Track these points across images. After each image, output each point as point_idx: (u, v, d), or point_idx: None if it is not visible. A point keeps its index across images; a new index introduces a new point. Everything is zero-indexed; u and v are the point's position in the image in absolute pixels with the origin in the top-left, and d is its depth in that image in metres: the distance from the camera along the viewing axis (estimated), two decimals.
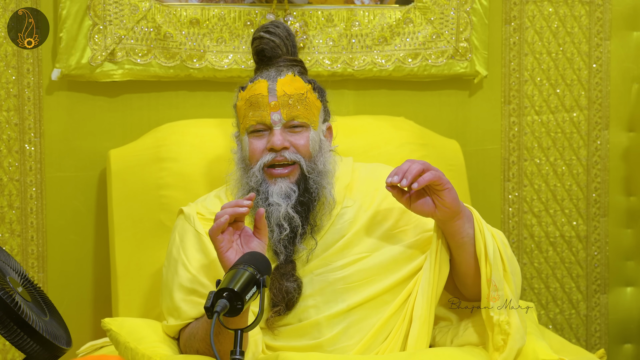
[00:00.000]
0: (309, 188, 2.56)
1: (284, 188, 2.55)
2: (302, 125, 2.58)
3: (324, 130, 2.65)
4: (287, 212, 2.53)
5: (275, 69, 2.64)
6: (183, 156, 2.96)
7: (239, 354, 2.08)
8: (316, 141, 2.60)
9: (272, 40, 2.67)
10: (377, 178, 2.67)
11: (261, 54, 2.69)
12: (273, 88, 2.58)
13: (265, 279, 2.18)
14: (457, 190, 3.14)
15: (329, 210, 2.58)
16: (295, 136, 2.58)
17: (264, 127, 2.58)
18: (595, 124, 3.46)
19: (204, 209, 2.63)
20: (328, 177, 2.60)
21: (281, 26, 2.71)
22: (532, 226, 3.45)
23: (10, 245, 3.06)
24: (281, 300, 2.51)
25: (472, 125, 3.38)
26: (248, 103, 2.60)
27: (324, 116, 2.67)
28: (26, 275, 2.34)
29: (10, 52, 3.02)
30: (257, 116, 2.57)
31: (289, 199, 2.54)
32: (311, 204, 2.56)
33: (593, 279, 3.50)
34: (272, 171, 2.56)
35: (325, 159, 2.61)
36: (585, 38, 3.43)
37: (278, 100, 2.57)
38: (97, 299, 3.13)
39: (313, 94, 2.63)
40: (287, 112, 2.56)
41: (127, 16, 3.04)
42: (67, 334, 2.31)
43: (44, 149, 3.07)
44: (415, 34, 3.24)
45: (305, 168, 2.56)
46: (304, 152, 2.57)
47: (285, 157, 2.56)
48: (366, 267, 2.55)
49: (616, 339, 3.56)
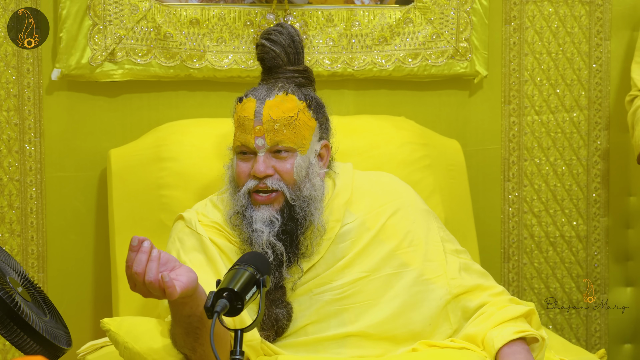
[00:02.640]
0: (294, 215, 2.51)
1: (267, 215, 2.50)
2: (288, 150, 2.53)
3: (317, 150, 2.60)
4: (268, 239, 2.48)
5: (268, 87, 2.59)
6: (183, 156, 2.96)
7: (239, 354, 2.08)
8: (302, 167, 2.54)
9: (272, 50, 2.64)
10: (383, 192, 2.64)
11: (262, 62, 2.68)
12: (259, 112, 2.53)
13: (266, 279, 2.18)
14: (458, 191, 3.18)
15: (319, 235, 2.53)
16: (280, 162, 2.53)
17: (248, 150, 2.55)
18: (595, 124, 3.46)
19: (204, 216, 2.61)
20: (316, 202, 2.54)
21: (285, 32, 2.66)
22: (532, 226, 3.45)
23: (10, 245, 3.06)
24: (270, 327, 2.48)
25: (472, 125, 3.38)
26: (238, 122, 2.58)
27: (319, 134, 2.61)
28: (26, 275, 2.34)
29: (10, 52, 3.02)
30: (243, 139, 2.54)
31: (272, 225, 2.50)
32: (297, 231, 2.51)
33: (593, 279, 3.50)
34: (256, 197, 2.53)
35: (312, 185, 2.55)
36: (585, 38, 3.43)
37: (263, 125, 2.52)
38: (97, 299, 3.13)
39: (307, 113, 2.57)
40: (271, 138, 2.52)
41: (127, 16, 3.04)
42: (67, 334, 2.31)
43: (44, 149, 3.07)
44: (415, 34, 3.24)
45: (289, 196, 2.51)
46: (287, 179, 2.52)
47: (267, 185, 2.51)
48: (365, 289, 2.52)
49: (616, 339, 3.56)
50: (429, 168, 3.06)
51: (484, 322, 2.49)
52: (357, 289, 2.52)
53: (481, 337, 2.47)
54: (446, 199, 3.07)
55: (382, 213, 2.60)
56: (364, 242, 2.56)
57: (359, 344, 2.50)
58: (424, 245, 2.58)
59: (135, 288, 2.18)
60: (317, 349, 2.49)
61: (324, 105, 2.65)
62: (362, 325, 2.50)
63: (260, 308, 2.13)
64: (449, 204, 3.08)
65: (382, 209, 2.60)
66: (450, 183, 3.13)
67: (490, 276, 2.64)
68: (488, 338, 2.45)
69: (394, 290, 2.53)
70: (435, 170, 3.08)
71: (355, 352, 2.48)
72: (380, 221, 2.58)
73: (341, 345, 2.49)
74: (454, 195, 3.12)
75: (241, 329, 2.10)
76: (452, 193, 3.12)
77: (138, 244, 2.16)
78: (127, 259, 2.16)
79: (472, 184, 3.29)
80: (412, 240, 2.58)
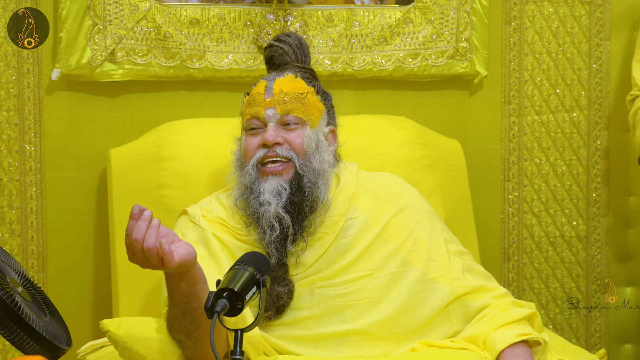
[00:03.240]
0: (302, 187, 2.52)
1: (275, 185, 2.51)
2: (298, 122, 2.56)
3: (325, 132, 2.63)
4: (277, 211, 2.49)
5: (278, 71, 2.65)
6: (183, 155, 2.96)
7: (239, 354, 2.08)
8: (312, 139, 2.56)
9: (280, 48, 2.69)
10: (388, 191, 2.65)
11: (270, 61, 2.71)
12: (270, 86, 2.58)
13: (266, 279, 2.18)
14: (458, 191, 3.17)
15: (322, 212, 2.54)
16: (290, 133, 2.56)
17: (258, 123, 2.57)
18: (595, 124, 3.46)
19: (208, 212, 2.61)
20: (324, 176, 2.56)
21: (293, 35, 2.72)
22: (532, 226, 3.45)
23: (10, 245, 3.06)
24: (272, 304, 2.48)
25: (472, 125, 3.38)
26: (247, 103, 2.61)
27: (327, 119, 2.65)
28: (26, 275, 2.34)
29: (10, 52, 3.02)
30: (252, 111, 2.57)
31: (279, 196, 2.50)
32: (303, 204, 2.52)
33: (593, 279, 3.50)
34: (264, 168, 2.54)
35: (321, 158, 2.57)
36: (585, 38, 3.43)
37: (274, 97, 2.56)
38: (97, 299, 3.13)
39: (315, 96, 2.61)
40: (282, 108, 2.55)
41: (127, 16, 3.04)
42: (67, 334, 2.31)
43: (44, 149, 3.07)
44: (415, 34, 3.24)
45: (299, 165, 2.53)
46: (298, 149, 2.54)
47: (277, 153, 2.53)
48: (368, 286, 2.53)
49: (616, 339, 3.56)
50: (429, 168, 3.06)
51: (486, 324, 2.49)
52: (360, 286, 2.52)
53: (483, 338, 2.47)
54: (446, 198, 3.07)
55: (386, 212, 2.60)
56: (368, 240, 2.56)
57: (359, 344, 2.50)
58: (427, 245, 2.59)
59: (133, 258, 2.17)
60: (317, 345, 2.49)
61: (331, 96, 2.69)
62: (364, 323, 2.50)
63: (260, 308, 2.13)
64: (449, 203, 3.08)
65: (385, 208, 2.61)
66: (450, 183, 3.13)
67: (493, 278, 2.64)
68: (490, 339, 2.45)
69: (397, 289, 2.54)
70: (436, 170, 3.08)
71: (354, 352, 2.48)
72: (384, 219, 2.59)
73: (341, 344, 2.49)
74: (454, 195, 3.12)
75: (241, 329, 2.10)
76: (452, 193, 3.12)
77: (139, 212, 2.16)
78: (127, 228, 2.16)
79: (472, 184, 3.29)
80: (416, 240, 2.59)
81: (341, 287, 2.52)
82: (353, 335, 2.49)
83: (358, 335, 2.49)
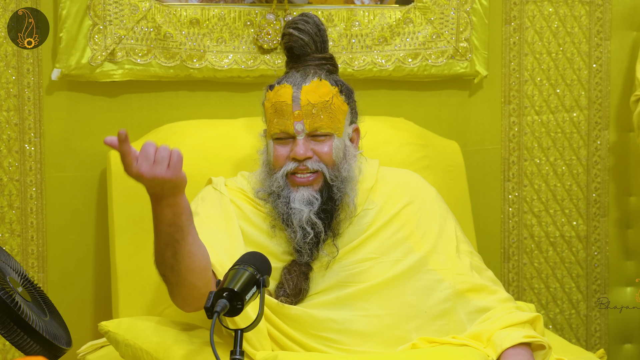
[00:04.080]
0: (332, 196, 2.58)
1: (307, 196, 2.57)
2: (326, 134, 2.60)
3: (349, 133, 2.67)
4: (309, 217, 2.54)
5: (301, 73, 2.65)
6: (184, 157, 2.95)
7: (239, 354, 2.08)
8: (340, 149, 2.61)
9: (301, 39, 2.69)
10: (405, 184, 2.70)
11: (290, 51, 2.72)
12: (297, 97, 2.58)
13: (265, 279, 2.18)
14: (457, 191, 3.17)
15: (349, 217, 2.60)
16: (319, 145, 2.59)
17: (287, 135, 2.60)
18: (595, 124, 3.46)
19: (231, 182, 2.68)
20: (352, 183, 2.61)
21: (311, 21, 2.72)
22: (532, 226, 3.45)
23: (10, 245, 3.06)
24: (294, 295, 2.53)
25: (472, 125, 3.38)
26: (273, 109, 2.62)
27: (350, 118, 2.68)
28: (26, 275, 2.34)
29: (10, 52, 3.02)
30: (281, 125, 2.59)
31: (311, 205, 2.56)
32: (334, 212, 2.58)
33: (593, 279, 3.50)
34: (294, 178, 2.58)
35: (349, 166, 2.62)
36: (585, 38, 3.43)
37: (302, 109, 2.58)
38: (97, 299, 3.13)
39: (339, 98, 2.63)
40: (310, 123, 2.57)
41: (127, 16, 3.04)
42: (67, 334, 2.31)
43: (44, 149, 3.07)
44: (415, 34, 3.24)
45: (329, 176, 2.57)
46: (327, 160, 2.59)
47: (307, 167, 2.57)
48: (372, 270, 2.57)
49: (616, 339, 3.56)
50: (428, 169, 3.07)
51: (493, 323, 2.53)
52: (364, 268, 2.57)
53: (487, 336, 2.49)
54: (445, 199, 3.07)
55: (399, 201, 2.66)
56: (377, 224, 2.62)
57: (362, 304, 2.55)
58: (435, 238, 2.63)
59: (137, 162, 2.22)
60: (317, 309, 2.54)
61: (353, 90, 2.72)
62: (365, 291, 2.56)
63: (260, 308, 2.13)
64: (448, 204, 3.07)
65: (399, 197, 2.67)
66: (449, 184, 3.14)
67: (500, 284, 2.69)
68: (496, 337, 2.48)
69: (399, 276, 2.58)
70: (435, 171, 3.09)
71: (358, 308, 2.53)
72: (396, 208, 2.64)
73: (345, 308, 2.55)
74: (453, 195, 3.13)
75: (241, 329, 2.10)
76: (451, 194, 3.12)
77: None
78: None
79: (472, 184, 3.29)
80: (425, 232, 2.63)
81: (348, 267, 2.58)
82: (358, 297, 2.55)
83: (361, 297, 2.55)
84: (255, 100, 3.16)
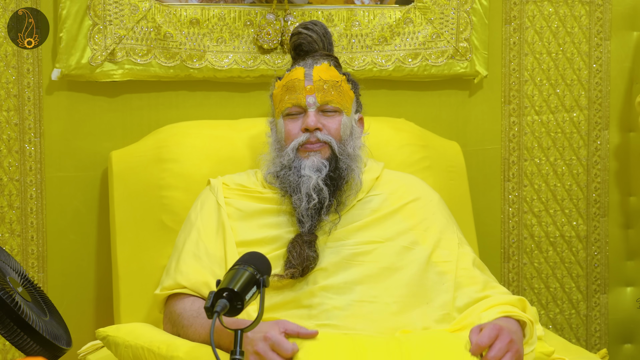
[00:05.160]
0: (338, 167, 2.66)
1: (316, 162, 2.65)
2: (335, 110, 2.69)
3: (355, 119, 2.76)
4: (317, 183, 2.62)
5: (312, 59, 2.76)
6: (184, 157, 2.96)
7: (239, 354, 2.09)
8: (347, 126, 2.70)
9: (309, 36, 2.81)
10: (410, 184, 2.78)
11: (299, 48, 2.82)
12: (309, 73, 2.70)
13: (265, 279, 2.18)
14: (458, 192, 3.17)
15: (355, 191, 2.68)
16: (328, 119, 2.69)
17: (299, 109, 2.69)
18: (595, 124, 3.46)
19: (230, 180, 2.75)
20: (357, 161, 2.70)
21: (319, 24, 2.85)
22: (532, 226, 3.45)
23: (10, 245, 3.06)
24: (299, 264, 2.56)
25: (472, 125, 3.38)
26: (285, 88, 2.71)
27: (356, 107, 2.77)
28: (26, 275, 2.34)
29: (10, 52, 3.02)
30: (294, 99, 2.68)
31: (319, 172, 2.64)
32: (339, 182, 2.65)
33: (593, 279, 3.50)
34: (304, 147, 2.67)
35: (355, 144, 2.72)
36: (585, 38, 3.43)
37: (314, 84, 2.68)
38: (97, 299, 3.13)
39: (347, 84, 2.74)
40: (321, 96, 2.67)
41: (127, 16, 3.04)
42: (67, 334, 2.31)
43: (44, 149, 3.07)
44: (415, 34, 3.24)
45: (337, 149, 2.66)
46: (335, 134, 2.68)
47: (318, 138, 2.66)
48: (378, 252, 2.61)
49: (616, 339, 3.56)
50: (428, 169, 3.07)
51: (476, 309, 2.56)
52: (369, 249, 2.61)
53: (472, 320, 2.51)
54: (446, 200, 3.07)
55: (404, 196, 2.73)
56: (382, 212, 2.68)
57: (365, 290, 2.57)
58: (438, 234, 2.68)
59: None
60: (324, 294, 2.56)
61: (359, 85, 2.82)
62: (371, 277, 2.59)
63: (260, 308, 2.13)
64: (448, 205, 3.07)
65: (405, 194, 2.73)
66: (450, 184, 3.14)
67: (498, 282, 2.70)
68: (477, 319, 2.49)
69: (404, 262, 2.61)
70: (435, 171, 3.09)
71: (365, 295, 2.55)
72: (401, 201, 2.71)
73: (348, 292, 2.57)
74: (454, 196, 3.13)
75: (241, 329, 2.10)
76: (452, 194, 3.12)
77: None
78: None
79: (472, 184, 3.29)
80: (428, 227, 2.68)
81: (351, 247, 2.62)
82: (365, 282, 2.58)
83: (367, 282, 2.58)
84: (255, 100, 3.17)
